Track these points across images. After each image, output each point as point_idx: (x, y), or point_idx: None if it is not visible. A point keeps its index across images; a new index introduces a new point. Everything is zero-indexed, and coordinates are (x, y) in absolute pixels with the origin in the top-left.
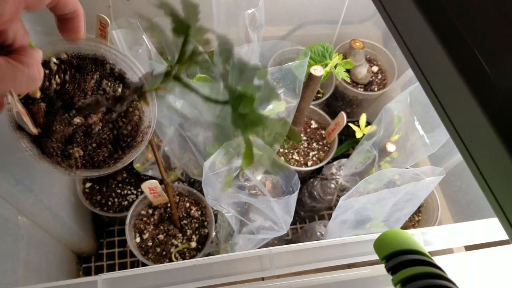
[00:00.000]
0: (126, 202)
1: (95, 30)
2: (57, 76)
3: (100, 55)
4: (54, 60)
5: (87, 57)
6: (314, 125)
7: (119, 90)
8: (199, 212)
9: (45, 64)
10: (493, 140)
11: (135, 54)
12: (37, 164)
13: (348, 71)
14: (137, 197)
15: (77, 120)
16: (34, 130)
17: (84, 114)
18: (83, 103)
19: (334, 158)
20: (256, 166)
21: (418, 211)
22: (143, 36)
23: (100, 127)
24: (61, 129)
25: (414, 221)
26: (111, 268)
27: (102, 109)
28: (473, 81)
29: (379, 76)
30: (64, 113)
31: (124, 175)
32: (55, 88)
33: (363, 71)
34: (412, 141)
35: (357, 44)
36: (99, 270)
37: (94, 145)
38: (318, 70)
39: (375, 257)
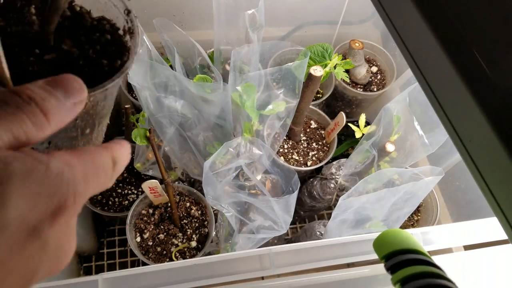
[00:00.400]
0: (126, 202)
1: None
2: None
3: None
4: None
5: None
6: (313, 125)
7: None
8: (199, 212)
9: None
10: (492, 139)
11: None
12: None
13: (347, 71)
14: (137, 197)
15: (48, 57)
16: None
17: (51, 48)
18: (37, 33)
19: (334, 158)
20: None
21: (417, 210)
22: (144, 37)
23: (78, 52)
24: (37, 70)
25: (413, 220)
26: (111, 268)
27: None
28: (472, 81)
29: (379, 77)
30: (28, 56)
31: (125, 174)
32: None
33: (362, 72)
34: (411, 141)
35: (357, 44)
36: (99, 270)
37: (86, 68)
38: (317, 71)
39: (375, 256)
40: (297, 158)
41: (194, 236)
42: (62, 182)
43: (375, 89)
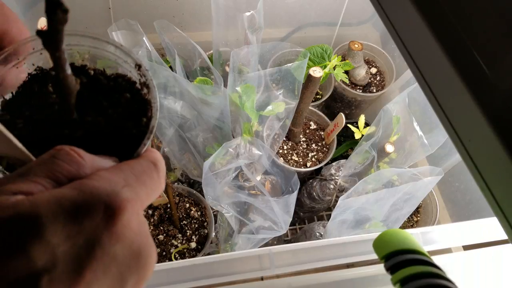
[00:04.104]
0: None
1: None
2: (17, 120)
3: (35, 68)
4: None
5: (25, 81)
6: (313, 126)
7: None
8: (199, 213)
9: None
10: (491, 140)
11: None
12: None
13: (347, 72)
14: None
15: (78, 134)
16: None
17: (78, 124)
18: (61, 109)
19: (333, 159)
20: None
21: (417, 211)
22: (144, 38)
23: (104, 120)
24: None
25: (412, 221)
26: None
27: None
28: (472, 81)
29: (378, 78)
30: (60, 140)
31: None
32: (24, 130)
33: (361, 73)
34: (410, 142)
35: (356, 45)
36: None
37: (116, 135)
38: (317, 72)
39: (374, 256)
40: (296, 159)
41: (193, 237)
42: (99, 194)
43: (374, 90)
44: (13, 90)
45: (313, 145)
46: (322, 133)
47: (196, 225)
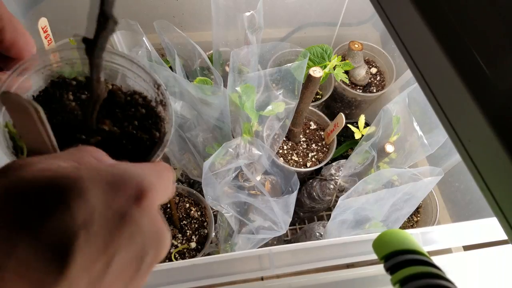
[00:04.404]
0: None
1: (42, 40)
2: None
3: (55, 77)
4: (24, 98)
5: (47, 87)
6: (313, 126)
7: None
8: (199, 213)
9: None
10: (491, 140)
11: (135, 56)
12: None
13: (347, 72)
14: None
15: (93, 140)
16: None
17: (94, 132)
18: (81, 120)
19: (333, 159)
20: None
21: (417, 211)
22: (144, 38)
23: (119, 130)
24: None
25: (412, 221)
26: None
27: (101, 114)
28: (472, 81)
29: (378, 78)
30: (76, 143)
31: None
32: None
33: (361, 73)
34: (410, 142)
35: (356, 45)
36: None
37: (129, 146)
38: (317, 72)
39: (374, 256)
40: (296, 159)
41: (193, 237)
42: (132, 174)
43: (374, 90)
44: (34, 94)
45: (313, 145)
46: (322, 133)
47: (196, 225)
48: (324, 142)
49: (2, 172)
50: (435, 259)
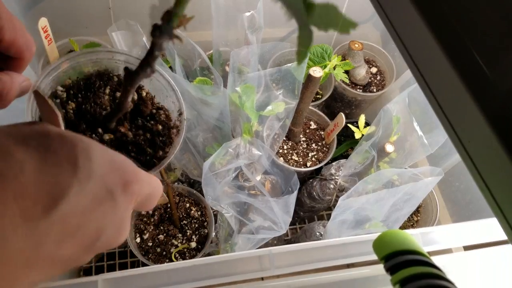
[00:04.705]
0: None
1: (43, 40)
2: (70, 102)
3: (103, 68)
4: (60, 88)
5: (91, 75)
6: (313, 126)
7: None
8: (199, 213)
9: (53, 94)
10: (491, 140)
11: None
12: None
13: (347, 72)
14: None
15: (107, 136)
16: None
17: (111, 129)
18: (104, 115)
19: (333, 159)
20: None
21: (417, 211)
22: (143, 38)
23: (132, 136)
24: None
25: (413, 221)
26: (111, 268)
27: (123, 116)
28: (472, 81)
29: (378, 77)
30: (92, 133)
31: None
32: (72, 113)
33: (362, 72)
34: (410, 142)
35: (356, 45)
36: (99, 270)
37: (133, 153)
38: (317, 71)
39: (374, 257)
40: (296, 159)
41: (193, 236)
42: (129, 165)
43: (374, 90)
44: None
45: (313, 144)
46: (322, 132)
47: (196, 225)
48: (324, 142)
49: (34, 122)
50: (435, 259)
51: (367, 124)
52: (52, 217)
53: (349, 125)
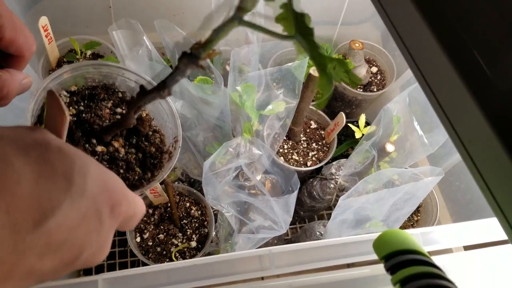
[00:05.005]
0: None
1: (43, 39)
2: (71, 108)
3: (109, 82)
4: (64, 93)
5: (97, 86)
6: (313, 125)
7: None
8: (199, 212)
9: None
10: (492, 140)
11: (135, 55)
12: None
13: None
14: None
15: (99, 148)
16: None
17: (105, 142)
18: (101, 128)
19: (334, 158)
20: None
21: (417, 211)
22: (144, 37)
23: (124, 153)
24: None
25: (413, 220)
26: (111, 268)
27: (119, 132)
28: (472, 81)
29: (378, 77)
30: (85, 143)
31: None
32: (71, 119)
33: (362, 72)
34: (411, 141)
35: (357, 45)
36: (99, 270)
37: (121, 170)
38: None
39: (375, 256)
40: (297, 158)
41: (194, 236)
42: (120, 185)
43: (375, 90)
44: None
45: (314, 144)
46: (323, 132)
47: (197, 224)
48: (324, 141)
49: (36, 129)
50: (436, 259)
51: (367, 123)
52: (39, 232)
53: (349, 124)
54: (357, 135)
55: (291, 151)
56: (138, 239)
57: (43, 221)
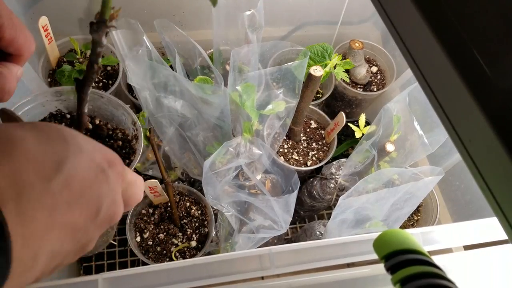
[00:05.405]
0: None
1: (43, 39)
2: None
3: (55, 110)
4: (17, 115)
5: (45, 118)
6: (313, 125)
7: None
8: (199, 212)
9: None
10: (492, 139)
11: (135, 55)
12: None
13: (347, 71)
14: None
15: None
16: None
17: None
18: None
19: (334, 158)
20: None
21: (417, 210)
22: (144, 37)
23: None
24: None
25: (413, 220)
26: (111, 267)
27: None
28: (472, 81)
29: (378, 76)
30: None
31: None
32: None
33: (362, 72)
34: (411, 141)
35: (357, 44)
36: (99, 269)
37: None
38: (317, 70)
39: (375, 256)
40: (297, 158)
41: (194, 235)
42: (111, 151)
43: (375, 89)
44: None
45: (314, 144)
46: (323, 132)
47: (197, 224)
48: (324, 141)
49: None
50: (436, 259)
51: (367, 123)
52: (60, 178)
53: (349, 124)
54: (357, 134)
55: (291, 150)
56: (138, 239)
57: (60, 169)
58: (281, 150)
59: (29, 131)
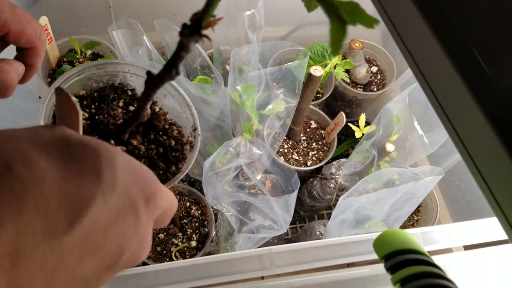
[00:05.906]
0: None
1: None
2: (83, 112)
3: (116, 81)
4: (74, 98)
5: (105, 87)
6: (313, 125)
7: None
8: (199, 212)
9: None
10: (492, 139)
11: (135, 54)
12: None
13: (347, 71)
14: None
15: (119, 148)
16: None
17: (123, 141)
18: (117, 127)
19: (334, 158)
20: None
21: (417, 210)
22: (144, 37)
23: (144, 150)
24: None
25: (413, 220)
26: None
27: (135, 129)
28: (472, 80)
29: (378, 76)
30: None
31: None
32: (85, 123)
33: (362, 71)
34: (411, 141)
35: (357, 44)
36: None
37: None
38: (317, 70)
39: (375, 256)
40: (297, 158)
41: (194, 235)
42: (151, 176)
43: (375, 89)
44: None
45: (314, 144)
46: (323, 132)
47: (197, 224)
48: (324, 141)
49: (54, 126)
50: (436, 259)
51: (367, 123)
52: (75, 232)
53: (349, 124)
54: (357, 134)
55: (291, 150)
56: None
57: (78, 220)
58: (281, 150)
59: (57, 160)
